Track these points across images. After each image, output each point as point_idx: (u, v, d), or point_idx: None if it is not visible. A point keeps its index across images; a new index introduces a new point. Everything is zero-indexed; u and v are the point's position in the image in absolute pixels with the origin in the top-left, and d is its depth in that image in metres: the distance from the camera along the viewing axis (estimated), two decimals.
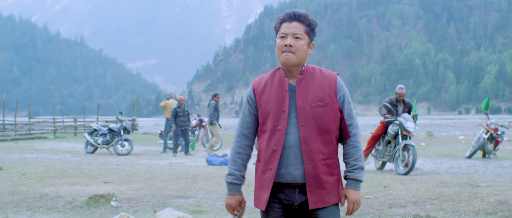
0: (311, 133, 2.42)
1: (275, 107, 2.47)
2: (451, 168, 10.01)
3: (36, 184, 8.02)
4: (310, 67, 2.53)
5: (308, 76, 2.49)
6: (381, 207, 5.81)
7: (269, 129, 2.47)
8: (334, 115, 2.47)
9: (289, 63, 2.46)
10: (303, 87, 2.47)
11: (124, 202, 6.51)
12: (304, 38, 2.48)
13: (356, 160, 2.50)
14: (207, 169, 10.15)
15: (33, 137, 23.97)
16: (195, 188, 7.20)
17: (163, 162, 12.08)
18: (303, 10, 2.52)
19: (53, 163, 11.19)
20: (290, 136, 2.43)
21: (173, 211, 5.39)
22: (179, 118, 13.97)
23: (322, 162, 2.44)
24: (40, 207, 6.57)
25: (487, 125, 11.76)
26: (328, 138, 2.46)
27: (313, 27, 2.52)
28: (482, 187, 6.74)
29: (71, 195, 6.93)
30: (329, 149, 2.46)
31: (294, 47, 2.44)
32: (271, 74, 2.56)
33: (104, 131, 14.81)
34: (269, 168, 2.45)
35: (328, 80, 2.50)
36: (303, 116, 2.43)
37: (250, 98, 2.58)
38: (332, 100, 2.46)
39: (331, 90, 2.48)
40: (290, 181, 2.44)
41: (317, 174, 2.42)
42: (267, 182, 2.46)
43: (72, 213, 6.30)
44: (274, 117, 2.46)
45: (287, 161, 2.43)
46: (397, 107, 9.83)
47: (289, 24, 2.49)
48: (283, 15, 2.52)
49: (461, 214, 5.41)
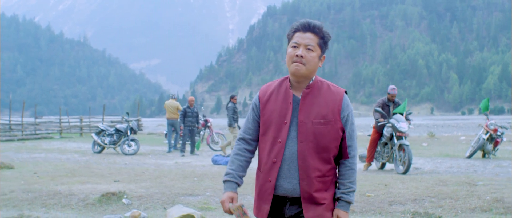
0: (309, 149, 2.41)
1: (278, 118, 2.45)
2: (450, 167, 10.26)
3: (49, 182, 8.30)
4: (318, 81, 2.50)
5: (315, 91, 2.46)
6: (382, 204, 6.07)
7: (270, 140, 2.46)
8: (335, 134, 2.44)
9: (298, 74, 2.43)
10: (307, 102, 2.44)
11: (134, 199, 6.78)
12: (316, 51, 2.45)
13: (351, 182, 2.48)
14: (213, 168, 10.41)
15: (40, 137, 24.27)
16: (202, 187, 7.46)
17: (170, 161, 12.35)
18: (318, 22, 2.47)
19: (62, 163, 11.48)
20: (287, 150, 2.42)
21: (183, 208, 5.65)
22: (187, 118, 14.23)
23: (318, 179, 2.42)
24: (54, 204, 6.84)
25: (486, 125, 12.00)
26: (326, 156, 2.44)
27: (326, 40, 2.50)
28: (479, 186, 6.99)
29: (84, 193, 7.20)
30: (325, 167, 2.44)
31: (305, 59, 2.42)
32: (278, 84, 2.55)
33: (111, 131, 15.09)
34: (269, 180, 2.45)
35: (334, 97, 2.46)
36: (304, 131, 2.41)
37: (255, 106, 2.58)
38: (335, 119, 2.43)
39: (335, 108, 2.44)
40: (280, 194, 2.45)
41: (311, 191, 2.41)
42: (267, 194, 2.46)
43: (85, 210, 6.57)
44: (275, 128, 2.45)
45: (281, 174, 2.43)
46: (389, 108, 10.22)
47: (302, 35, 2.45)
48: (297, 24, 2.49)
49: (458, 211, 5.66)
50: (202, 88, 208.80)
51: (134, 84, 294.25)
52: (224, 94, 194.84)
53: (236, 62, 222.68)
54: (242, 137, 2.60)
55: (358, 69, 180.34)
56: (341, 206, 2.48)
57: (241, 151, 2.57)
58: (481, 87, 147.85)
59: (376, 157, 10.32)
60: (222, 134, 16.54)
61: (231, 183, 2.53)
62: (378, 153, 10.23)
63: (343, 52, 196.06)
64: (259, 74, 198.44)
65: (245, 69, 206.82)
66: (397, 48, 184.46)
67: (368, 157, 10.15)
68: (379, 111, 9.96)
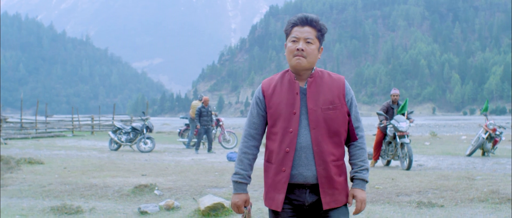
0: (322, 135, 2.49)
1: (286, 109, 2.53)
2: (452, 164, 10.94)
3: (81, 176, 9.01)
4: (318, 71, 2.61)
5: (317, 80, 2.57)
6: (390, 195, 6.77)
7: (280, 131, 2.53)
8: (343, 118, 2.55)
9: (300, 67, 2.52)
10: (313, 90, 2.54)
11: (165, 191, 7.48)
12: (315, 43, 2.54)
13: (363, 161, 2.59)
14: (229, 164, 11.10)
15: (53, 135, 24.95)
16: (224, 180, 8.17)
17: (186, 158, 13.04)
18: (315, 15, 2.58)
19: (88, 159, 12.20)
20: (301, 138, 2.49)
21: (213, 197, 6.34)
22: (203, 117, 14.91)
23: (333, 163, 2.51)
24: (91, 195, 7.54)
25: (486, 125, 12.69)
26: (337, 140, 2.54)
27: (323, 33, 2.59)
28: (478, 180, 7.69)
29: (117, 185, 7.91)
30: (338, 151, 2.54)
31: (305, 52, 2.50)
32: (280, 76, 2.64)
33: (127, 130, 15.78)
34: (283, 169, 2.50)
35: (336, 83, 2.57)
36: (314, 118, 2.49)
37: (259, 100, 2.63)
38: (341, 103, 2.54)
39: (340, 93, 2.55)
40: (300, 182, 2.50)
41: (329, 175, 2.49)
42: (281, 183, 2.51)
43: (121, 200, 7.27)
44: (284, 119, 2.52)
45: (298, 162, 2.49)
46: (393, 110, 10.97)
47: (301, 29, 2.53)
48: (295, 19, 2.58)
49: (458, 201, 6.36)
50: (204, 87, 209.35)
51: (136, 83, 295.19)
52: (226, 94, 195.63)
53: (238, 61, 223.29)
54: (248, 132, 2.65)
55: (360, 69, 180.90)
56: (356, 184, 2.59)
57: (249, 149, 2.63)
58: (483, 87, 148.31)
59: (381, 155, 11.04)
60: (233, 133, 17.22)
61: (241, 184, 2.61)
62: (383, 151, 10.96)
63: (345, 52, 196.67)
64: (261, 73, 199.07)
65: (247, 69, 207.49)
66: (399, 48, 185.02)
67: (374, 155, 10.88)
68: (380, 113, 10.77)
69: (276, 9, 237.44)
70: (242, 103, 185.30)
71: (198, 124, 14.84)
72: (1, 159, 10.69)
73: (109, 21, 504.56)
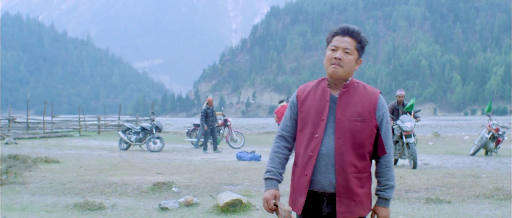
0: (346, 145, 2.50)
1: (315, 115, 2.58)
2: (456, 163, 11.25)
3: (98, 174, 9.32)
4: (354, 82, 2.63)
5: (351, 91, 2.59)
6: (399, 192, 7.08)
7: (307, 136, 2.58)
8: (370, 131, 2.55)
9: (336, 76, 2.55)
10: (344, 101, 2.56)
11: (183, 188, 7.79)
12: (354, 54, 2.57)
13: (388, 179, 2.59)
14: (240, 163, 11.40)
15: (60, 135, 25.26)
16: (238, 178, 8.48)
17: (196, 157, 13.35)
18: (357, 27, 2.61)
19: (102, 158, 12.51)
20: (324, 145, 2.52)
21: (231, 194, 6.65)
22: (208, 118, 15.27)
23: (354, 175, 2.51)
24: (112, 192, 7.85)
25: (489, 125, 13.00)
26: (361, 152, 2.53)
27: (363, 45, 2.62)
28: (482, 178, 8.01)
29: (136, 183, 8.22)
30: (361, 163, 2.54)
31: (343, 61, 2.53)
32: (316, 83, 2.70)
33: (137, 129, 16.11)
34: (305, 173, 2.55)
35: (369, 97, 2.58)
36: (340, 128, 2.51)
37: (293, 104, 2.71)
38: (371, 117, 2.55)
39: (371, 107, 2.56)
40: (316, 189, 2.54)
41: (348, 186, 2.50)
42: (303, 187, 2.56)
43: (140, 196, 7.57)
44: (312, 124, 2.57)
45: (318, 169, 2.53)
46: (398, 111, 11.28)
47: (341, 38, 2.57)
48: (336, 28, 2.62)
49: (465, 197, 6.67)
50: (205, 87, 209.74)
51: (137, 83, 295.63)
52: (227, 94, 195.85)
53: (239, 62, 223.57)
54: (281, 134, 2.72)
55: (361, 70, 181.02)
56: (379, 202, 2.61)
57: (280, 148, 2.69)
58: (484, 88, 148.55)
59: None
60: (240, 133, 17.54)
61: (272, 180, 2.64)
62: None
63: None
64: (262, 74, 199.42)
65: (248, 69, 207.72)
66: (400, 49, 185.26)
67: None
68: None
69: (277, 9, 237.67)
70: (243, 103, 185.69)
71: (204, 125, 15.19)
72: (18, 158, 11.02)
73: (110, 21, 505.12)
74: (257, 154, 12.48)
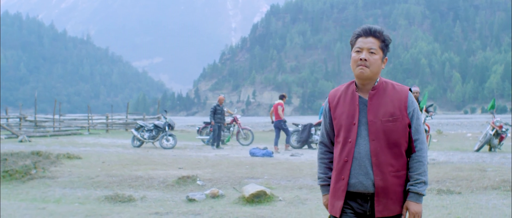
0: (381, 146, 2.54)
1: (347, 120, 2.63)
2: (462, 159, 11.72)
3: (122, 169, 9.78)
4: (383, 82, 2.66)
5: (380, 92, 2.62)
6: None
7: (341, 141, 2.64)
8: (404, 129, 2.58)
9: (363, 77, 2.59)
10: (375, 103, 2.60)
11: (206, 181, 8.26)
12: (378, 53, 2.61)
13: (420, 174, 2.58)
14: (254, 159, 11.85)
15: (70, 133, 25.65)
16: (258, 172, 8.94)
17: (209, 154, 13.80)
18: (379, 27, 2.65)
19: (120, 154, 12.97)
20: (360, 148, 2.57)
21: (256, 186, 7.12)
22: (217, 115, 15.81)
23: (392, 174, 2.56)
24: (139, 185, 8.31)
25: (493, 122, 13.48)
26: (397, 151, 2.57)
27: (387, 43, 2.66)
28: (489, 171, 8.48)
29: (161, 177, 8.68)
30: (398, 162, 2.57)
31: (368, 62, 2.57)
32: (345, 87, 2.74)
33: (150, 127, 16.57)
34: (342, 178, 2.61)
35: (399, 95, 2.62)
36: (374, 130, 2.56)
37: (326, 112, 2.78)
38: (402, 115, 2.58)
39: (401, 105, 2.59)
40: (361, 190, 2.58)
41: (386, 186, 2.55)
42: (340, 191, 2.62)
43: (167, 189, 8.04)
44: (345, 129, 2.62)
45: (358, 171, 2.57)
46: None
47: (365, 39, 2.61)
48: (359, 30, 2.66)
49: (474, 189, 7.15)
50: (205, 86, 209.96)
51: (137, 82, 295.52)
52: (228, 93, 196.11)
53: (239, 60, 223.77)
54: (321, 140, 2.83)
55: None
56: (411, 197, 2.59)
57: (323, 154, 2.81)
58: (484, 86, 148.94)
59: None
60: (249, 130, 18.01)
61: (324, 186, 2.79)
62: None
63: (346, 51, 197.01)
64: (262, 73, 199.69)
65: (248, 68, 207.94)
66: (400, 47, 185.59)
67: None
68: None
69: (277, 8, 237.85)
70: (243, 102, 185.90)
71: (212, 121, 15.75)
72: (40, 154, 11.47)
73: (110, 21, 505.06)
74: (269, 150, 12.93)
